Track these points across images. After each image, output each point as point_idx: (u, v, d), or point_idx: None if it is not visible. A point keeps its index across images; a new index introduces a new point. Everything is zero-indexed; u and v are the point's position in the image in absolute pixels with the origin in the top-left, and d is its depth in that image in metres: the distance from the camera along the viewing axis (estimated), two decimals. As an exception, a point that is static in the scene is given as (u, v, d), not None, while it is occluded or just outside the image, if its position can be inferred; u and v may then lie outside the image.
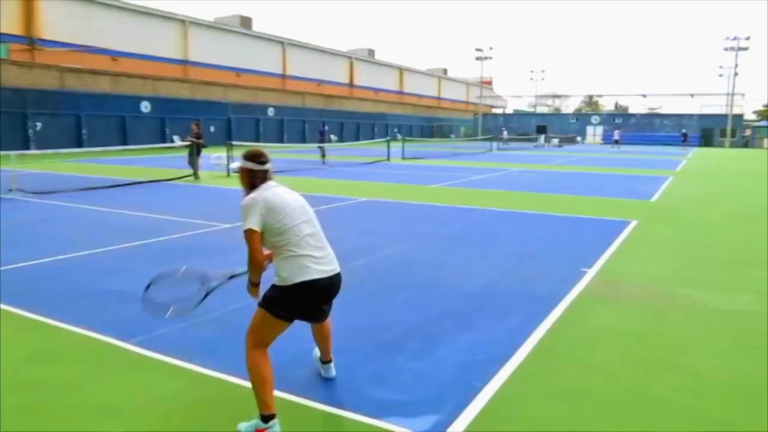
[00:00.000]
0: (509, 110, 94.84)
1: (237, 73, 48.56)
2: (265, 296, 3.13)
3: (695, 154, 40.19)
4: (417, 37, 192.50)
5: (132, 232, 8.56)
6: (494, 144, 42.00)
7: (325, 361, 3.76)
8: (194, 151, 17.62)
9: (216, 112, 41.24)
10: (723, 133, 59.55)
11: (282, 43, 54.22)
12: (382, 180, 17.73)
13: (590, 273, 6.58)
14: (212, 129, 41.41)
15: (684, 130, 55.46)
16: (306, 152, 33.01)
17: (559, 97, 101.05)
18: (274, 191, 3.15)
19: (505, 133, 52.69)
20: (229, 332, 4.55)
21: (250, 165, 3.19)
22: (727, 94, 61.09)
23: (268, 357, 3.11)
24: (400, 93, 74.82)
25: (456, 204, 12.42)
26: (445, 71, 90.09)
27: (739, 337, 4.72)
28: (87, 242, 7.78)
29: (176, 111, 39.44)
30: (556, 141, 52.85)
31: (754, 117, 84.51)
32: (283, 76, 54.55)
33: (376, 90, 68.39)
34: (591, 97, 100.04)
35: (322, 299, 3.18)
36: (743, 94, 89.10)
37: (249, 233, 3.04)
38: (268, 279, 3.16)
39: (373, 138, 57.14)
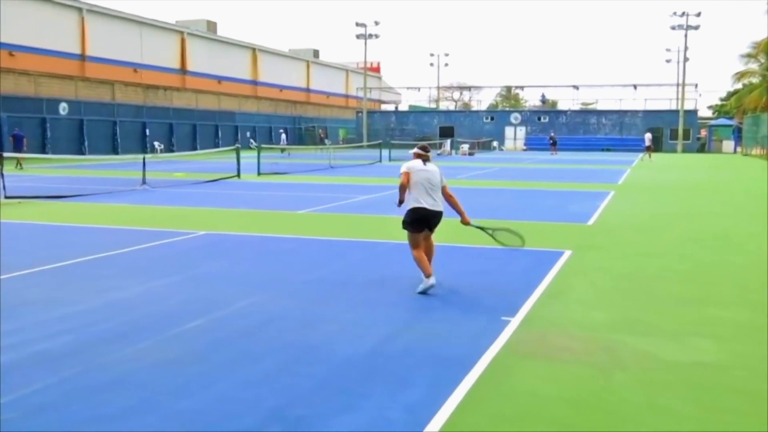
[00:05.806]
0: (404, 106, 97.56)
1: (10, 52, 46.03)
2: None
3: (640, 162, 43.39)
4: (275, 6, 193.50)
5: None
6: (384, 153, 42.91)
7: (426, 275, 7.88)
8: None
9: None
10: (674, 135, 64.56)
11: (80, 9, 52.18)
12: (229, 206, 17.48)
13: (514, 322, 6.81)
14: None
15: (552, 133, 60.29)
16: (118, 167, 31.81)
17: (468, 88, 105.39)
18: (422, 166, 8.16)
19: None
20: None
21: (419, 151, 8.29)
22: (677, 85, 66.59)
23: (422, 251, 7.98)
24: (254, 83, 74.54)
25: (334, 236, 12.47)
26: (315, 53, 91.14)
27: (701, 397, 5.06)
28: None
29: None
30: (465, 148, 54.86)
31: (709, 113, 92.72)
32: (82, 58, 52.47)
33: (220, 79, 67.65)
34: (510, 89, 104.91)
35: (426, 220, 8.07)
36: (696, 85, 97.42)
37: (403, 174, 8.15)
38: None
39: (216, 146, 56.39)
